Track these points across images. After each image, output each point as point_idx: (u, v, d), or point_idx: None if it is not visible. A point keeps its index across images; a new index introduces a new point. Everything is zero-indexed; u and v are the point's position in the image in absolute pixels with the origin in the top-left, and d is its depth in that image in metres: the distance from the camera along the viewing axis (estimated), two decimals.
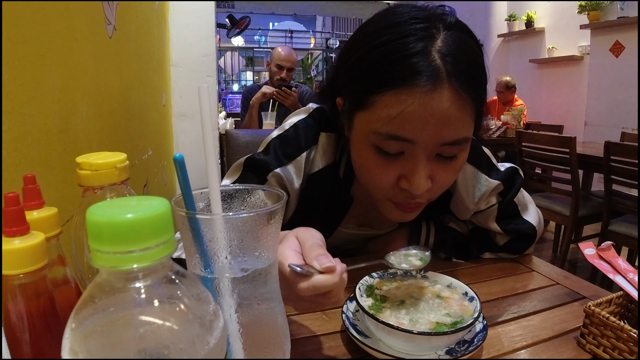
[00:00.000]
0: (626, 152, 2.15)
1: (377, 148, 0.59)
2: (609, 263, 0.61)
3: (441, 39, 0.55)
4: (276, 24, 9.85)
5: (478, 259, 0.81)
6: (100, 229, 0.20)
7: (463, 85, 0.54)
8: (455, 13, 0.61)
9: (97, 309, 0.21)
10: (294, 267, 0.41)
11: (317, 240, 0.46)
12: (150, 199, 0.22)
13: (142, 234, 0.20)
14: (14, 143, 0.45)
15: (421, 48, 0.54)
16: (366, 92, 0.58)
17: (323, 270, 0.41)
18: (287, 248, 0.45)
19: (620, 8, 4.00)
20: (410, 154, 0.58)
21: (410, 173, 0.58)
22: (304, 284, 0.41)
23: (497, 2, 5.67)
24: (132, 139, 1.03)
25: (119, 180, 0.37)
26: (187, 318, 0.23)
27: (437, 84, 0.53)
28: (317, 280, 0.41)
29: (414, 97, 0.53)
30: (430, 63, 0.54)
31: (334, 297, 0.43)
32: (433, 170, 0.59)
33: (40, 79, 0.52)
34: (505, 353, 0.52)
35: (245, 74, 8.25)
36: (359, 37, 0.62)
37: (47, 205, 0.36)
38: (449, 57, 0.54)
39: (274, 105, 2.56)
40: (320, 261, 0.42)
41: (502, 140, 3.51)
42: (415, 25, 0.56)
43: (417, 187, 0.58)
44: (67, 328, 0.21)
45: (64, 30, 0.59)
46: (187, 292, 0.23)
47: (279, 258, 0.43)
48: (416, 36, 0.55)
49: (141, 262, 0.21)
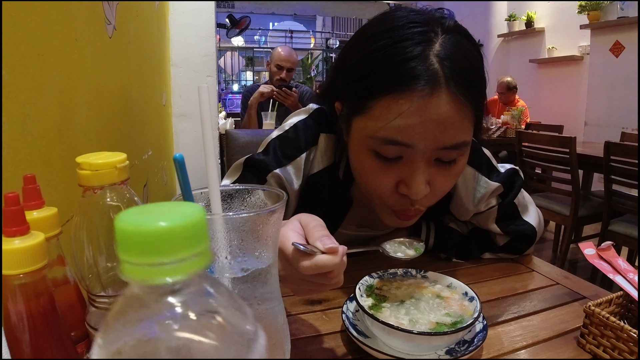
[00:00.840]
0: (626, 152, 2.15)
1: (376, 153, 0.58)
2: (609, 263, 0.61)
3: (439, 42, 0.55)
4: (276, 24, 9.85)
5: (478, 259, 0.81)
6: (130, 238, 0.18)
7: (461, 89, 0.54)
8: (454, 16, 0.61)
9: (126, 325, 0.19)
10: (297, 245, 0.42)
11: (319, 222, 0.47)
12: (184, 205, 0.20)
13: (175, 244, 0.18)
14: (14, 143, 0.45)
15: (419, 52, 0.54)
16: (363, 98, 0.58)
17: (326, 250, 0.42)
18: (290, 229, 0.45)
19: (620, 8, 4.00)
20: (408, 159, 0.58)
21: (409, 178, 0.58)
22: (307, 263, 0.41)
23: (497, 2, 5.67)
24: (132, 139, 1.03)
25: (119, 180, 0.37)
26: (226, 333, 0.20)
27: (435, 88, 0.53)
28: (320, 259, 0.41)
29: (412, 102, 0.53)
30: (428, 67, 0.53)
31: (334, 278, 0.43)
32: (432, 175, 0.59)
33: (40, 79, 0.52)
34: (505, 353, 0.52)
35: (245, 74, 8.25)
36: (356, 42, 0.62)
37: (47, 205, 0.36)
38: (447, 61, 0.54)
39: (274, 105, 2.56)
40: (323, 242, 0.42)
41: (502, 140, 3.51)
42: (413, 29, 0.56)
43: (415, 192, 0.58)
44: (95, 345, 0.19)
45: (64, 30, 0.59)
46: (226, 305, 0.21)
47: (280, 239, 0.44)
48: (414, 40, 0.55)
49: (175, 275, 0.18)
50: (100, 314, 0.37)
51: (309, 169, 0.74)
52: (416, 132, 0.54)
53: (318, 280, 0.43)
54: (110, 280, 0.37)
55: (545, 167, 2.75)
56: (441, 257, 0.81)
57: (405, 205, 0.62)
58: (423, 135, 0.55)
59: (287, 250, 0.43)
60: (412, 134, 0.55)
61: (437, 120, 0.54)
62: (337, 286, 0.44)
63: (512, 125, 3.67)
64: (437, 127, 0.54)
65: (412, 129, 0.54)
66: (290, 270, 0.44)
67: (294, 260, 0.42)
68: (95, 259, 0.36)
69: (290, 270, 0.44)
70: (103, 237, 0.37)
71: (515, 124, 3.71)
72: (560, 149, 2.44)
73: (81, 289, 0.39)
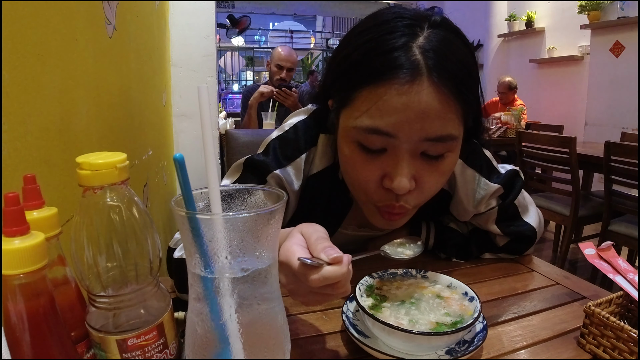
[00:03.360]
0: (626, 152, 2.15)
1: (360, 144, 0.58)
2: (609, 263, 0.61)
3: (424, 36, 0.55)
4: (276, 24, 9.85)
5: (478, 259, 0.81)
6: None
7: (443, 80, 0.53)
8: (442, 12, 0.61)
9: None
10: (303, 260, 0.42)
11: (321, 233, 0.47)
12: None
13: None
14: (14, 143, 0.45)
15: (402, 43, 0.54)
16: (348, 89, 0.58)
17: (331, 261, 0.42)
18: (293, 244, 0.45)
19: (620, 8, 4.00)
20: (392, 150, 0.57)
21: (392, 170, 0.57)
22: (315, 276, 0.42)
23: (497, 2, 5.67)
24: (132, 139, 1.03)
25: (119, 180, 0.37)
26: None
27: (415, 77, 0.53)
28: (327, 271, 0.42)
29: (392, 91, 0.53)
30: (409, 57, 0.53)
31: (342, 288, 0.44)
32: (418, 170, 0.58)
33: (40, 79, 0.52)
34: (505, 353, 0.52)
35: (245, 74, 8.25)
36: (346, 39, 0.63)
37: (47, 205, 0.36)
38: (431, 52, 0.54)
39: (274, 105, 2.56)
40: (327, 253, 0.43)
41: (502, 140, 3.51)
42: (399, 22, 0.56)
43: (398, 184, 0.57)
44: None
45: (64, 30, 0.59)
46: None
47: (285, 254, 0.44)
48: (398, 32, 0.55)
49: None
50: (100, 313, 0.37)
51: (308, 169, 0.74)
52: (397, 120, 0.54)
53: (326, 290, 0.43)
54: (110, 280, 0.37)
55: (545, 167, 2.75)
56: (441, 257, 0.81)
57: (390, 201, 0.60)
58: (405, 124, 0.54)
59: (294, 265, 0.43)
60: (394, 123, 0.54)
61: (418, 110, 0.53)
62: (345, 295, 0.45)
63: (512, 125, 3.67)
64: (419, 116, 0.54)
65: (394, 118, 0.54)
66: (298, 283, 0.44)
67: (302, 274, 0.43)
68: (95, 259, 0.36)
69: (298, 284, 0.44)
70: (103, 237, 0.37)
71: (516, 124, 3.71)
72: (561, 149, 2.44)
73: (81, 289, 0.39)
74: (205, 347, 0.36)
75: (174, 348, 0.41)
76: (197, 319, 0.36)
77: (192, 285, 0.36)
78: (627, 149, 2.16)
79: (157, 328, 0.39)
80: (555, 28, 5.00)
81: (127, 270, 0.38)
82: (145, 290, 0.38)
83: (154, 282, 0.39)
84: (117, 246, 0.37)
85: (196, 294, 0.36)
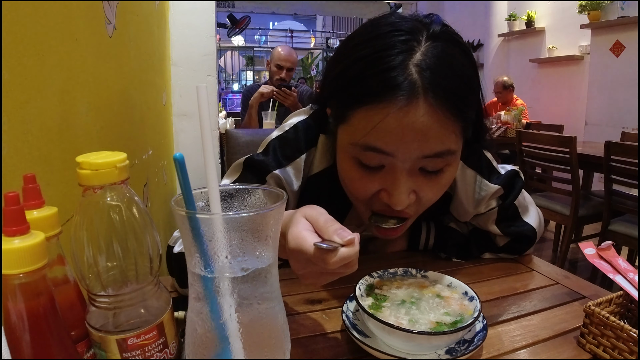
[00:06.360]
0: (626, 152, 2.15)
1: (358, 161, 0.59)
2: (609, 263, 0.61)
3: (421, 51, 0.54)
4: (276, 24, 9.85)
5: (478, 259, 0.81)
6: None
7: (440, 100, 0.53)
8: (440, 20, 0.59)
9: None
10: (320, 245, 0.43)
11: (327, 215, 0.48)
12: None
13: None
14: (14, 143, 0.45)
15: (398, 62, 0.53)
16: (345, 107, 0.58)
17: (345, 243, 0.43)
18: (302, 229, 0.46)
19: (620, 8, 4.00)
20: (390, 168, 0.57)
21: (391, 187, 0.58)
22: (334, 259, 0.43)
23: (497, 2, 5.66)
24: (132, 139, 1.03)
25: (119, 180, 0.37)
26: None
27: (412, 99, 0.52)
28: (344, 252, 0.43)
29: (389, 112, 0.53)
30: (406, 78, 0.53)
31: (354, 265, 0.45)
32: (417, 185, 0.58)
33: (40, 79, 0.52)
34: (505, 353, 0.52)
35: (245, 74, 8.25)
36: (342, 51, 0.62)
37: (47, 204, 0.36)
38: (427, 71, 0.53)
39: (274, 105, 2.56)
40: (341, 235, 0.44)
41: (502, 140, 3.51)
42: (396, 37, 0.55)
43: (397, 201, 0.57)
44: None
45: (64, 30, 0.59)
46: None
47: (295, 241, 0.45)
48: (395, 49, 0.54)
49: None
50: (100, 313, 0.37)
51: (308, 170, 0.73)
52: (394, 141, 0.54)
53: (340, 270, 0.45)
54: (110, 279, 0.37)
55: (545, 166, 2.75)
56: (441, 257, 0.81)
57: (386, 207, 0.61)
58: (402, 144, 0.54)
59: (308, 251, 0.44)
60: (391, 142, 0.54)
61: (415, 130, 0.53)
62: (353, 271, 0.46)
63: (512, 125, 3.67)
64: (416, 137, 0.54)
65: (390, 138, 0.54)
66: (312, 267, 0.45)
67: (319, 259, 0.44)
68: (95, 258, 0.36)
69: (311, 268, 0.46)
70: (103, 237, 0.37)
71: (516, 123, 3.71)
72: (561, 149, 2.44)
73: (81, 288, 0.39)
74: (205, 346, 0.36)
75: (174, 347, 0.41)
76: (197, 319, 0.36)
77: (192, 285, 0.36)
78: (627, 149, 2.16)
79: (157, 327, 0.39)
80: (556, 28, 4.99)
81: (127, 270, 0.38)
82: (145, 289, 0.38)
83: (154, 282, 0.39)
84: (117, 246, 0.37)
85: (196, 294, 0.36)
